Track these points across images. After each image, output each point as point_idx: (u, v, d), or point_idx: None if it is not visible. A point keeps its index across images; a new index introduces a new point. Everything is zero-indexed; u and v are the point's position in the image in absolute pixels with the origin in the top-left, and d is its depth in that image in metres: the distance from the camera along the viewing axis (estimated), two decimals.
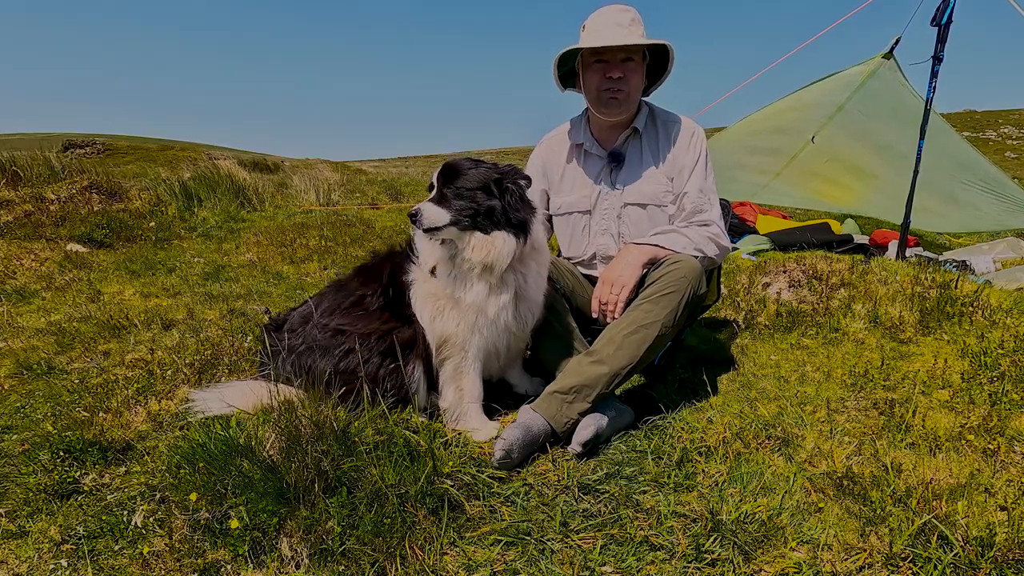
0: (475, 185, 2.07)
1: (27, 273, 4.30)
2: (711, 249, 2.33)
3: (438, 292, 2.16)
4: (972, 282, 3.40)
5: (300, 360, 2.12)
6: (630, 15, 2.32)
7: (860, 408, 2.28)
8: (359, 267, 2.40)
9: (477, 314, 2.13)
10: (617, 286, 2.20)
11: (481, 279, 2.12)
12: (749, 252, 4.91)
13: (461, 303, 2.13)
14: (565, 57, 2.42)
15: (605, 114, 2.41)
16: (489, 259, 2.07)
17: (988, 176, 6.02)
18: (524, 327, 2.26)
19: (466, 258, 2.07)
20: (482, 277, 2.11)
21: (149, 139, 44.26)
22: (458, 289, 2.13)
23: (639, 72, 2.36)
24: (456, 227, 2.04)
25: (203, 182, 7.64)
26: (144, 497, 1.76)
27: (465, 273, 2.12)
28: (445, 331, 2.15)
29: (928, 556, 1.43)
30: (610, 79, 2.32)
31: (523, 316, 2.22)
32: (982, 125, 37.46)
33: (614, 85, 2.32)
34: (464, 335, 2.15)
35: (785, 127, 6.62)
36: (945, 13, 4.35)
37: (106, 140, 28.43)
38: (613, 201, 2.49)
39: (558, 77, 2.49)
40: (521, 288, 2.17)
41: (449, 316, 2.15)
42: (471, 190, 2.06)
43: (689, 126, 2.47)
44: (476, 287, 2.12)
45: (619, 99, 2.34)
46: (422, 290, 2.20)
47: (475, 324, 2.14)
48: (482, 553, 1.58)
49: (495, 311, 2.13)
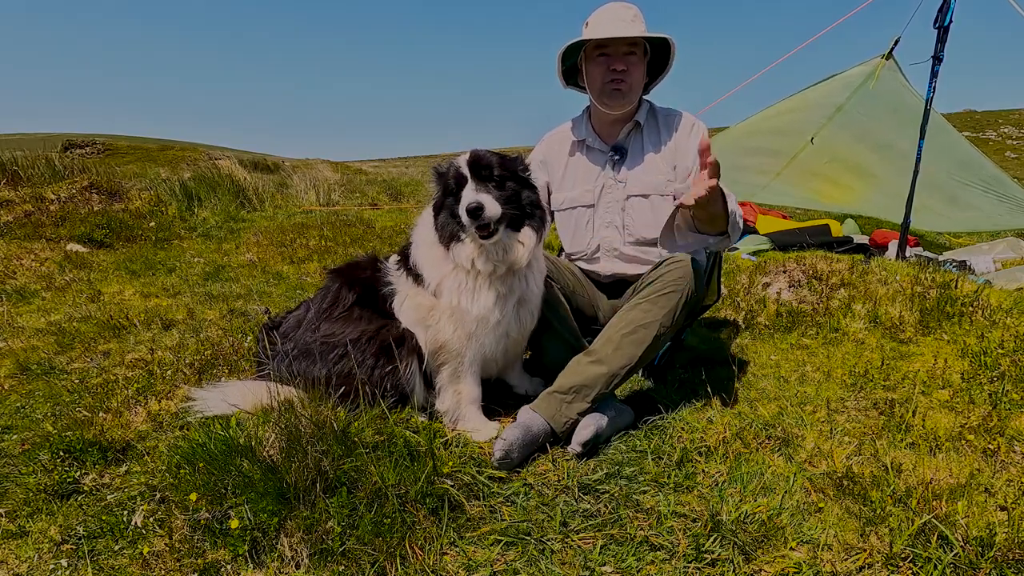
0: (509, 174, 1.96)
1: (27, 273, 4.30)
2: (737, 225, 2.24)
3: (430, 302, 2.07)
4: (972, 282, 3.40)
5: (294, 366, 2.09)
6: (632, 11, 2.37)
7: (860, 408, 2.28)
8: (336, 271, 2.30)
9: (477, 323, 2.05)
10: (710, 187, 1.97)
11: (492, 287, 2.01)
12: (749, 252, 4.91)
13: (465, 314, 2.02)
14: (568, 53, 2.45)
15: (608, 106, 2.43)
16: (516, 259, 1.97)
17: (989, 176, 6.03)
18: (524, 331, 2.24)
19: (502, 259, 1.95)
20: (494, 284, 2.00)
21: (149, 139, 44.25)
22: (464, 300, 2.01)
23: (640, 66, 2.40)
24: (504, 221, 1.93)
25: (203, 182, 7.64)
26: (144, 497, 1.75)
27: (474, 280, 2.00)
28: (440, 339, 2.10)
29: (928, 556, 1.43)
30: (613, 71, 2.35)
31: (523, 321, 2.19)
32: (982, 125, 37.45)
33: (618, 77, 2.36)
34: (461, 343, 2.09)
35: (785, 128, 6.63)
36: (947, 15, 4.35)
37: (106, 140, 28.43)
38: (616, 194, 2.50)
39: (561, 73, 2.53)
40: (524, 292, 2.13)
41: (444, 325, 2.07)
42: (507, 180, 1.95)
43: (689, 117, 2.52)
44: (484, 296, 2.00)
45: (622, 90, 2.37)
46: (412, 301, 2.11)
47: (473, 332, 2.07)
48: (482, 553, 1.58)
49: (497, 319, 2.06)
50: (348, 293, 2.18)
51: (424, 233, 2.13)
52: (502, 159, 2.02)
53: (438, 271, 2.07)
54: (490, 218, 1.87)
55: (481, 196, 1.87)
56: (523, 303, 2.15)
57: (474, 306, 2.03)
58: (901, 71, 6.17)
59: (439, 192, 2.07)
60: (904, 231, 4.58)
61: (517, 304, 2.13)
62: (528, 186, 2.06)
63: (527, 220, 2.03)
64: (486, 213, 1.86)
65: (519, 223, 2.01)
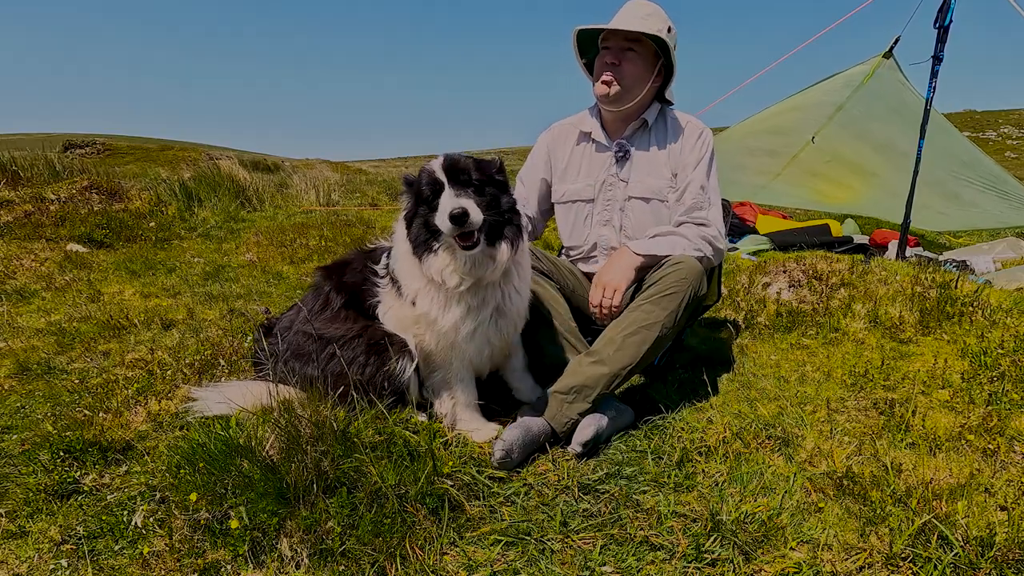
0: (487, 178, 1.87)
1: (27, 273, 4.30)
2: (707, 250, 2.33)
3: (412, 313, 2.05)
4: (972, 282, 3.40)
5: (288, 367, 2.08)
6: (648, 9, 2.33)
7: (860, 408, 2.28)
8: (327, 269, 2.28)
9: (455, 334, 2.01)
10: (609, 290, 2.20)
11: (461, 300, 1.95)
12: (749, 252, 4.91)
13: (438, 325, 1.99)
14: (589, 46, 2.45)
15: (601, 101, 2.41)
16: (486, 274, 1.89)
17: (989, 174, 6.03)
18: (506, 340, 2.19)
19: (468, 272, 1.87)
20: (463, 298, 1.95)
21: (149, 139, 44.25)
22: (435, 311, 1.96)
23: (639, 64, 2.34)
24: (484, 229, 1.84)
25: (203, 182, 7.63)
26: (144, 497, 1.75)
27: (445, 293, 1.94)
28: (425, 349, 2.10)
29: (928, 556, 1.43)
30: (605, 64, 2.33)
31: (504, 330, 2.12)
32: (982, 125, 37.45)
33: (608, 71, 2.33)
34: (445, 353, 2.09)
35: (785, 128, 6.63)
36: (947, 15, 4.35)
37: (106, 140, 28.43)
38: (617, 193, 2.48)
39: (583, 66, 2.52)
40: (502, 305, 2.05)
41: (428, 336, 2.06)
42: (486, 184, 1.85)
43: (697, 125, 2.48)
44: (453, 310, 1.95)
45: (609, 85, 2.33)
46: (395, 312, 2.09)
47: (454, 342, 2.04)
48: (482, 553, 1.58)
49: (470, 330, 2.00)
50: (338, 296, 2.17)
51: (400, 244, 2.04)
52: (478, 162, 1.91)
53: (415, 283, 2.00)
54: (474, 225, 1.77)
55: (463, 201, 1.76)
56: (502, 313, 2.06)
57: (444, 318, 1.98)
58: (901, 70, 6.18)
59: (410, 202, 1.96)
60: (904, 231, 4.58)
61: (496, 314, 2.05)
62: (506, 190, 1.98)
63: (506, 227, 1.93)
64: (471, 219, 1.75)
65: (499, 231, 1.92)
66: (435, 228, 1.86)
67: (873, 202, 6.09)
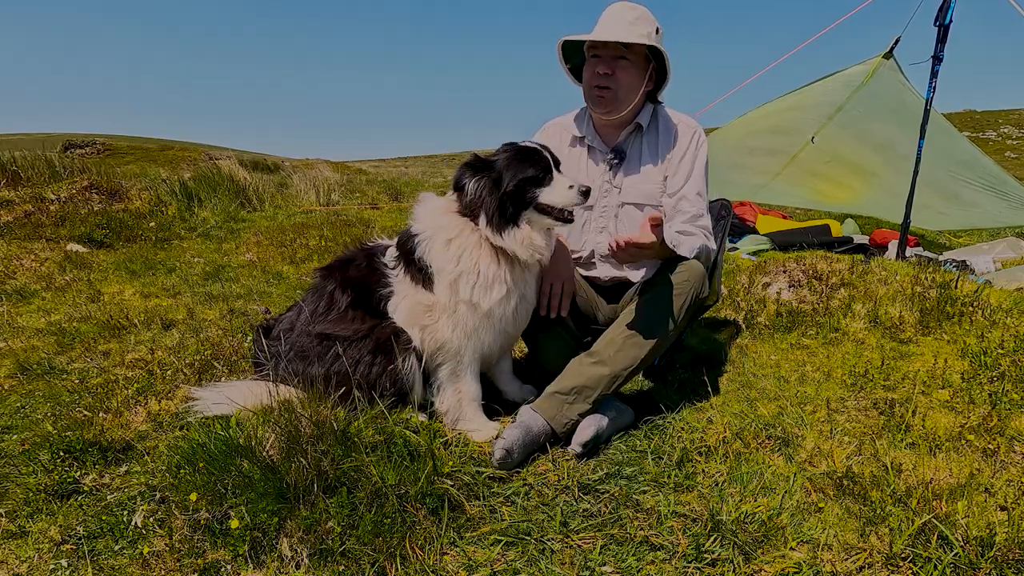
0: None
1: (27, 273, 4.30)
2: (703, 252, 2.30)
3: (429, 301, 2.07)
4: (972, 282, 3.40)
5: (290, 367, 2.07)
6: (635, 13, 2.24)
7: (860, 408, 2.28)
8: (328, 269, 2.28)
9: (479, 320, 2.07)
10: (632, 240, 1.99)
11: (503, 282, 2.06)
12: (749, 252, 4.91)
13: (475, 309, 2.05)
14: (573, 52, 2.40)
15: (594, 111, 2.37)
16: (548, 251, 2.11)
17: (989, 174, 6.03)
18: (519, 328, 2.25)
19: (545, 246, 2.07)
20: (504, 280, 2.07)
21: (149, 139, 44.24)
22: (478, 294, 2.04)
23: (632, 72, 2.27)
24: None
25: (203, 182, 7.63)
26: (144, 497, 1.75)
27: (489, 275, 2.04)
28: (438, 339, 2.09)
29: (928, 556, 1.43)
30: (598, 75, 2.26)
31: (519, 318, 2.19)
32: (982, 125, 37.46)
33: (601, 82, 2.26)
34: (460, 342, 2.09)
35: (785, 127, 6.62)
36: (947, 14, 4.35)
37: (106, 140, 28.44)
38: (611, 199, 2.44)
39: (569, 71, 2.46)
40: (524, 291, 2.15)
41: (443, 324, 2.07)
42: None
43: (690, 125, 2.42)
44: (495, 291, 2.05)
45: (605, 97, 2.27)
46: (409, 301, 2.10)
47: (474, 330, 2.08)
48: (482, 553, 1.58)
49: (500, 315, 2.09)
50: (343, 295, 2.16)
51: (441, 223, 2.07)
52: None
53: (458, 265, 2.03)
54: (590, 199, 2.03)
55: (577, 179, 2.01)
56: (523, 300, 2.17)
57: (485, 299, 2.05)
58: (901, 71, 6.17)
59: (487, 183, 2.01)
60: (904, 231, 4.58)
61: (518, 301, 2.14)
62: None
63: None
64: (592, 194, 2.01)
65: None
66: (523, 204, 2.01)
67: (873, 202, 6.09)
